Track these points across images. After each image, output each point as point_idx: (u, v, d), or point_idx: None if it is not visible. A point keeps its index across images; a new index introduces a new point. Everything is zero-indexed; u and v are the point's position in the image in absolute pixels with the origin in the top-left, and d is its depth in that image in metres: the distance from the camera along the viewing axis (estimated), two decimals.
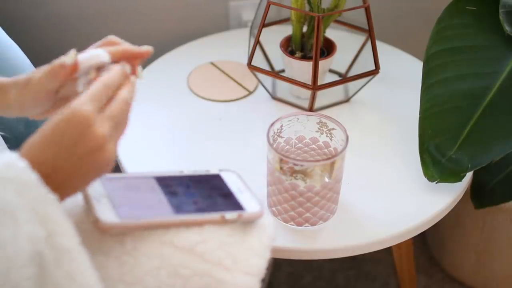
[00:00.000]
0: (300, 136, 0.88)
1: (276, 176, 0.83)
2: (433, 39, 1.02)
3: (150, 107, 1.09)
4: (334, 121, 0.85)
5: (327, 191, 0.83)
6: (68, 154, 0.58)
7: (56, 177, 0.58)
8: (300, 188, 0.82)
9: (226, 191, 0.72)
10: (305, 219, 0.86)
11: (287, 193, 0.83)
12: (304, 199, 0.83)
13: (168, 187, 0.69)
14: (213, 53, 1.23)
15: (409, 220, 0.90)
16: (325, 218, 0.87)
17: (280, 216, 0.87)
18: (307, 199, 0.83)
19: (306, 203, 0.83)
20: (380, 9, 1.25)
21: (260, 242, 0.67)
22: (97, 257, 0.64)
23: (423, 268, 1.47)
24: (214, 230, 0.66)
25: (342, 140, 0.84)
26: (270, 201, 0.87)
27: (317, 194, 0.83)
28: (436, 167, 0.92)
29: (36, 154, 0.58)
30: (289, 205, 0.84)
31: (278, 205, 0.86)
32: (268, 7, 1.02)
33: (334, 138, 0.86)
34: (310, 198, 0.83)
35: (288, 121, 0.86)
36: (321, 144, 0.88)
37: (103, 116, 0.60)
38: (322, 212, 0.85)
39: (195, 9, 1.34)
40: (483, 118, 0.95)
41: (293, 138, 0.88)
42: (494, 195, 1.17)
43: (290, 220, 0.86)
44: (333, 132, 0.86)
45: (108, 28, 1.32)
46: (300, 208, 0.84)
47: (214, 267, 0.64)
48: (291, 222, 0.87)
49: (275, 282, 1.43)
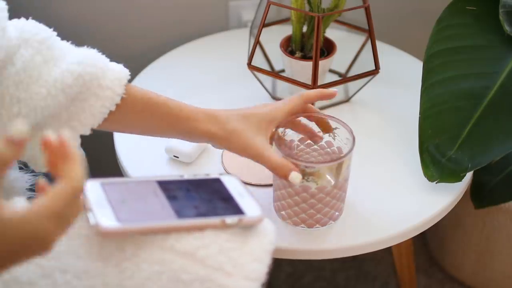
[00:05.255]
0: (302, 138, 0.88)
1: (285, 180, 0.82)
2: (433, 39, 1.02)
3: None
4: (337, 120, 0.85)
5: (337, 191, 0.83)
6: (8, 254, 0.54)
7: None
8: (312, 190, 0.81)
9: (226, 195, 0.72)
10: (316, 220, 0.85)
11: (298, 196, 0.82)
12: (316, 201, 0.82)
13: (168, 191, 0.69)
14: (213, 53, 1.23)
15: (409, 220, 0.90)
16: (334, 218, 0.87)
17: (289, 220, 0.86)
18: (319, 200, 0.82)
19: (317, 204, 0.83)
20: (380, 9, 1.25)
21: (260, 247, 0.67)
22: (96, 263, 0.64)
23: (423, 268, 1.47)
24: (214, 235, 0.66)
25: (346, 138, 0.84)
26: (279, 205, 0.87)
27: (328, 194, 0.82)
28: (436, 167, 0.93)
29: None
30: (300, 208, 0.84)
31: (288, 208, 0.85)
32: (268, 7, 1.02)
33: (338, 138, 0.86)
34: (321, 199, 0.82)
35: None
36: (324, 144, 0.88)
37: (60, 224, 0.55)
38: (332, 211, 0.85)
39: (195, 9, 1.34)
40: (483, 118, 0.95)
41: (295, 140, 0.88)
42: (494, 195, 1.17)
43: (301, 223, 0.86)
44: (336, 131, 0.86)
45: (108, 28, 1.32)
46: (312, 210, 0.84)
47: (215, 272, 0.64)
48: (301, 225, 0.86)
49: (276, 282, 1.43)
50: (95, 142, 0.85)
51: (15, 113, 0.73)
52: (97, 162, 1.17)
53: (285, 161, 0.78)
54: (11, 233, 0.52)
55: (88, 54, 0.77)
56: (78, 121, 0.77)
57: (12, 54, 0.73)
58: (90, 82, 0.76)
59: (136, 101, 0.79)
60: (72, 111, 0.76)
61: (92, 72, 0.76)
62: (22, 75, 0.73)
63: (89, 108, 0.77)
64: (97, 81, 0.76)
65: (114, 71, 0.78)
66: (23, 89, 0.73)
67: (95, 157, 1.17)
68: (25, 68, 0.73)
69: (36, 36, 0.75)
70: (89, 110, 0.77)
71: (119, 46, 1.33)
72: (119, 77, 0.78)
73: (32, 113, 0.73)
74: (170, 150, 0.97)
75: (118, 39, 1.32)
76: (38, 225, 0.53)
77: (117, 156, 0.99)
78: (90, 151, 0.95)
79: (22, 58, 0.73)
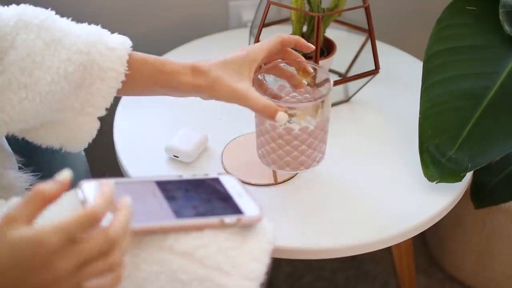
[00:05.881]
0: (280, 85, 0.90)
1: (268, 124, 0.84)
2: (433, 39, 1.02)
3: (150, 107, 1.09)
4: (314, 64, 0.87)
5: (319, 131, 0.85)
6: (19, 280, 0.53)
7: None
8: (295, 131, 0.83)
9: (225, 195, 0.72)
10: (300, 163, 0.87)
11: (282, 139, 0.84)
12: (299, 142, 0.84)
13: (167, 192, 0.69)
14: (213, 53, 1.23)
15: (409, 220, 0.90)
16: (318, 160, 0.89)
17: (274, 165, 0.88)
18: (302, 141, 0.84)
19: (301, 145, 0.85)
20: (380, 9, 1.25)
21: (259, 246, 0.67)
22: None
23: (423, 268, 1.47)
24: (213, 235, 0.66)
25: (323, 79, 0.86)
26: (263, 151, 0.88)
27: (311, 135, 0.84)
28: (436, 167, 0.92)
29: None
30: (284, 151, 0.86)
31: (272, 153, 0.87)
32: (268, 7, 1.02)
33: (315, 82, 0.88)
34: (304, 140, 0.84)
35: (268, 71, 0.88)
36: (303, 90, 0.90)
37: (71, 250, 0.54)
38: (315, 153, 0.87)
39: (195, 9, 1.34)
40: (483, 118, 0.95)
41: (274, 88, 0.90)
42: (494, 195, 1.17)
43: (286, 166, 0.87)
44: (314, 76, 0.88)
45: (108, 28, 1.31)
46: (296, 151, 0.85)
47: (214, 272, 0.64)
48: (287, 168, 0.88)
49: (275, 282, 1.43)
50: (95, 142, 0.85)
51: (23, 97, 0.74)
52: (97, 162, 1.17)
53: (271, 102, 0.80)
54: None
55: (89, 34, 0.79)
56: (92, 106, 0.79)
57: (12, 38, 0.74)
58: (91, 67, 0.77)
59: (139, 71, 0.81)
60: (83, 98, 0.78)
61: (93, 59, 0.77)
62: (26, 60, 0.74)
63: (97, 91, 0.78)
64: (98, 64, 0.78)
65: (114, 50, 0.79)
66: (28, 74, 0.74)
67: (95, 157, 1.17)
68: (29, 53, 0.74)
69: (35, 20, 0.76)
70: (97, 93, 0.79)
71: None
72: (120, 54, 0.79)
73: (38, 97, 0.75)
74: (170, 150, 0.97)
75: None
76: (42, 234, 0.53)
77: (117, 156, 0.99)
78: (90, 151, 0.95)
79: (24, 43, 0.74)
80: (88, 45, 0.78)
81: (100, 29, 0.81)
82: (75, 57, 0.76)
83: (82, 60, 0.77)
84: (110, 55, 0.78)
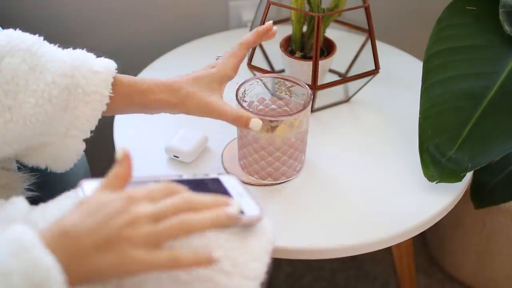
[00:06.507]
0: (260, 98, 0.92)
1: (250, 136, 0.87)
2: (433, 39, 1.02)
3: None
4: (293, 78, 0.90)
5: (299, 142, 0.90)
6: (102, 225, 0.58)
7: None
8: (277, 143, 0.87)
9: (225, 195, 0.72)
10: (282, 173, 0.91)
11: (264, 150, 0.87)
12: (281, 153, 0.88)
13: None
14: (213, 53, 1.23)
15: (409, 220, 0.90)
16: (298, 170, 0.93)
17: (257, 175, 0.91)
18: (283, 152, 0.88)
19: (282, 156, 0.89)
20: (380, 9, 1.25)
21: (259, 246, 0.67)
22: None
23: (423, 268, 1.47)
24: (213, 234, 0.66)
25: (302, 94, 0.89)
26: (245, 162, 0.91)
27: (292, 146, 0.88)
28: (436, 167, 0.93)
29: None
30: (266, 162, 0.89)
31: (254, 164, 0.90)
32: (268, 7, 1.02)
33: (294, 95, 0.91)
34: (285, 151, 0.88)
35: (250, 85, 0.90)
36: (281, 103, 0.93)
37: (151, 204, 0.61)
38: (296, 163, 0.92)
39: (195, 9, 1.34)
40: (483, 118, 0.95)
41: (254, 101, 0.92)
42: (494, 195, 1.17)
43: (268, 177, 0.91)
44: (292, 89, 0.91)
45: (108, 28, 1.32)
46: (277, 162, 0.89)
47: (214, 272, 0.64)
48: (268, 178, 0.91)
49: (275, 282, 1.43)
50: (95, 141, 0.85)
51: (7, 119, 0.75)
52: (97, 162, 1.17)
53: (243, 111, 0.83)
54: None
55: (73, 59, 0.79)
56: (77, 129, 0.80)
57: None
58: (75, 91, 0.78)
59: (122, 93, 0.82)
60: (68, 121, 0.79)
61: (77, 82, 0.78)
62: (10, 84, 0.75)
63: (82, 114, 0.79)
64: (82, 88, 0.78)
65: (98, 73, 0.80)
66: (12, 97, 0.75)
67: (95, 157, 1.17)
68: (13, 77, 0.75)
69: (21, 44, 0.77)
70: (82, 116, 0.79)
71: (119, 46, 1.33)
72: (104, 78, 0.80)
73: (21, 121, 0.76)
74: (170, 150, 0.97)
75: (118, 39, 1.32)
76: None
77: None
78: (90, 151, 0.95)
79: (8, 66, 0.75)
80: (72, 69, 0.78)
81: (86, 53, 0.81)
82: (59, 80, 0.77)
83: (66, 84, 0.77)
84: (94, 78, 0.79)
